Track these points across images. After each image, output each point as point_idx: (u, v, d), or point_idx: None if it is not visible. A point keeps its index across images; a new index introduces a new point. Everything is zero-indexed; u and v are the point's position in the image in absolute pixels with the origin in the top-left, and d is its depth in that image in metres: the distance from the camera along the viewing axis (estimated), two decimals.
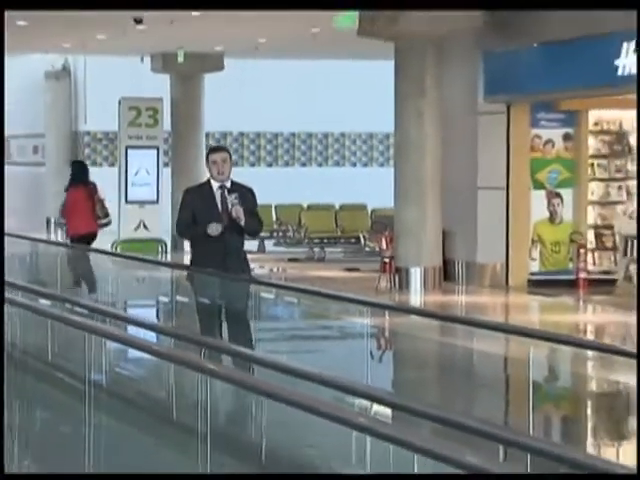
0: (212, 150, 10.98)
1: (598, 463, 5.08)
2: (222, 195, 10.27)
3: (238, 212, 10.15)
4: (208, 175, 10.58)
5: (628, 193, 19.65)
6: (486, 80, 19.52)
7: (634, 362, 9.14)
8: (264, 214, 26.53)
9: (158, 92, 26.36)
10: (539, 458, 5.42)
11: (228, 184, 10.38)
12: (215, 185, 10.39)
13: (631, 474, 3.34)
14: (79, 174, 18.74)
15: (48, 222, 30.35)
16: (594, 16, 17.24)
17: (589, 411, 10.17)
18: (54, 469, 7.26)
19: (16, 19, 20.67)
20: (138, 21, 19.60)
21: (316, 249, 25.53)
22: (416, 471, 4.27)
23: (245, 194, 10.43)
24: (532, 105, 19.50)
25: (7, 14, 19.96)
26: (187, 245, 25.46)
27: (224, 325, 10.90)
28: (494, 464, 4.70)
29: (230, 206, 10.18)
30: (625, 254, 18.48)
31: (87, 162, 29.94)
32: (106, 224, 19.23)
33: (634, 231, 18.46)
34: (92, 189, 18.69)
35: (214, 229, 10.11)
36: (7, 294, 9.47)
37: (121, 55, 25.83)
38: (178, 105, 26.14)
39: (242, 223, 10.21)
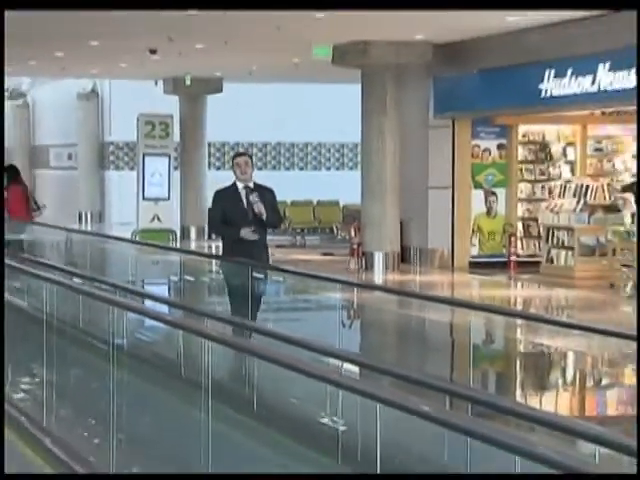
0: (237, 155, 10.72)
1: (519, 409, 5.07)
2: (246, 195, 9.98)
3: (260, 208, 9.87)
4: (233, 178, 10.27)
5: (550, 192, 19.71)
6: (435, 100, 19.54)
7: (555, 329, 9.15)
8: None
9: (169, 110, 26.31)
10: (480, 406, 5.43)
11: (251, 184, 10.09)
12: (240, 186, 10.10)
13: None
14: (15, 175, 18.98)
15: (80, 215, 30.27)
16: (522, 47, 17.27)
17: (518, 367, 10.18)
18: (85, 415, 7.24)
19: (54, 51, 20.62)
20: (153, 52, 19.56)
21: (298, 237, 25.58)
22: (378, 417, 4.26)
23: (265, 193, 10.15)
24: (473, 120, 19.52)
25: (49, 47, 19.95)
26: (193, 234, 25.65)
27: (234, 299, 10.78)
28: (442, 411, 4.70)
29: (252, 203, 9.91)
30: (547, 241, 18.51)
31: (111, 167, 30.14)
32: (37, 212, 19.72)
33: (555, 222, 18.52)
34: (26, 188, 19.09)
35: (245, 233, 9.88)
36: (46, 273, 9.43)
37: (139, 79, 25.78)
38: (185, 120, 26.10)
39: (264, 217, 9.93)
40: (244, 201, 10.00)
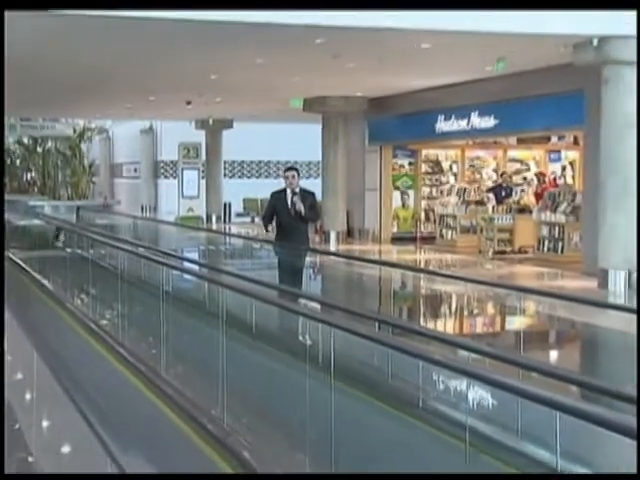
0: (287, 169, 9.81)
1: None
2: (291, 197, 9.30)
3: (300, 207, 9.19)
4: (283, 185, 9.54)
5: (441, 193, 19.81)
6: (369, 134, 19.56)
7: (443, 279, 9.17)
8: (252, 205, 26.42)
9: (198, 139, 26.23)
10: (398, 329, 5.43)
11: (297, 189, 9.35)
12: (288, 190, 9.36)
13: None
14: None
15: (141, 207, 30.09)
16: (424, 100, 17.30)
17: (423, 304, 10.21)
18: (145, 334, 7.20)
19: (126, 103, 20.47)
20: (189, 103, 19.45)
21: None
22: (332, 337, 4.24)
23: (307, 196, 9.42)
24: (393, 147, 19.55)
25: (123, 101, 19.85)
26: (214, 219, 25.51)
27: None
28: (372, 331, 4.69)
29: (294, 203, 9.26)
30: (440, 224, 18.60)
31: (162, 177, 29.95)
32: None
33: (444, 212, 18.58)
34: None
35: (270, 228, 9.32)
36: (120, 244, 9.36)
37: (179, 120, 25.65)
38: (209, 146, 25.94)
39: (302, 213, 9.23)
40: (289, 201, 9.32)
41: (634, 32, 10.54)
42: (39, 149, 34.88)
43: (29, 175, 36.61)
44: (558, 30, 10.56)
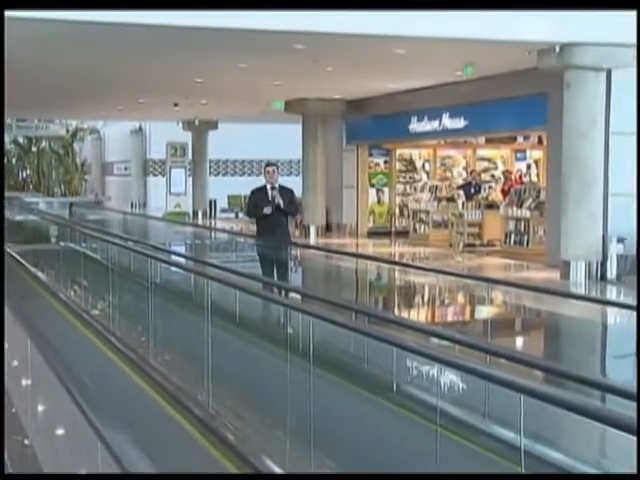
0: (267, 165, 9.54)
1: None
2: (271, 192, 9.21)
3: (279, 200, 9.12)
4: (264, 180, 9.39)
5: (414, 189, 19.82)
6: (347, 134, 19.53)
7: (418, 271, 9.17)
8: (236, 201, 26.31)
9: (185, 139, 26.09)
10: (373, 318, 5.43)
11: (276, 185, 9.24)
12: (268, 186, 9.24)
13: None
14: None
15: (131, 203, 29.90)
16: (399, 102, 17.31)
17: (397, 293, 10.22)
18: (134, 323, 7.15)
19: (117, 106, 20.34)
20: (176, 105, 19.34)
21: None
22: (312, 328, 4.22)
23: (286, 191, 9.33)
24: (369, 146, 19.54)
25: (114, 104, 19.70)
26: (200, 215, 25.37)
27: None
28: (349, 320, 4.69)
29: (274, 197, 9.16)
30: (413, 219, 18.62)
31: (151, 174, 29.77)
32: None
33: (417, 207, 18.60)
34: None
35: (266, 210, 9.10)
36: (111, 238, 9.29)
37: (167, 121, 25.51)
38: (195, 146, 25.79)
39: (282, 206, 9.14)
40: (270, 196, 9.21)
41: (593, 39, 10.63)
42: (34, 148, 34.74)
43: (24, 173, 36.37)
44: (524, 37, 10.60)
